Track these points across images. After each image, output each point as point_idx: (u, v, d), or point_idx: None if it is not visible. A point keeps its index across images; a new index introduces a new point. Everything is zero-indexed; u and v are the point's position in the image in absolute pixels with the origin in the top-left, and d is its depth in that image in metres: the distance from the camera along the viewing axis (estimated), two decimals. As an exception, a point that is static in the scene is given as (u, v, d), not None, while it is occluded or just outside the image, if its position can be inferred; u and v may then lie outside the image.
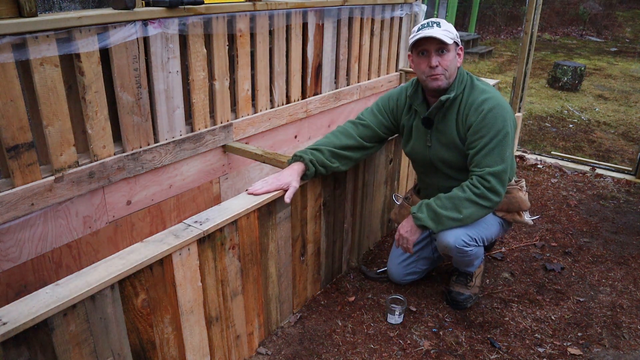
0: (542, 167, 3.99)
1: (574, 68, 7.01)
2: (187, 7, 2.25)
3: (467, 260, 2.16)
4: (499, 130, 1.94)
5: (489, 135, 1.94)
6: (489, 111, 1.95)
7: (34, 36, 1.75)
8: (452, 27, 1.98)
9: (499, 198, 1.97)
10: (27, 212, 1.90)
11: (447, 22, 1.99)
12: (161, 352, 1.55)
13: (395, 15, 3.85)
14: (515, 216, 2.23)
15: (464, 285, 2.31)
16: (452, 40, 1.93)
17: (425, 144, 2.16)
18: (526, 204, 2.23)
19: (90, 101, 2.01)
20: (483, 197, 1.94)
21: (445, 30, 1.93)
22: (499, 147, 1.94)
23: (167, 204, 2.49)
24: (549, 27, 12.88)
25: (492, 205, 1.97)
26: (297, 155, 2.05)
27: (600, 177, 3.80)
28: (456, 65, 2.01)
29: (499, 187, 1.95)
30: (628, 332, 2.17)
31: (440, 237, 2.06)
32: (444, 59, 1.95)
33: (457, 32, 2.01)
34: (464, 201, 1.96)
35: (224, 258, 1.72)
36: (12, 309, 1.19)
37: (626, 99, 6.72)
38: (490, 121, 1.94)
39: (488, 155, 1.95)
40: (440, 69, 1.95)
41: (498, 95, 2.02)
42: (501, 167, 1.94)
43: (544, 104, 6.35)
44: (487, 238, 2.16)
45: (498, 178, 1.94)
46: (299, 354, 2.01)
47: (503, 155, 1.95)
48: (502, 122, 1.95)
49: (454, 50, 1.98)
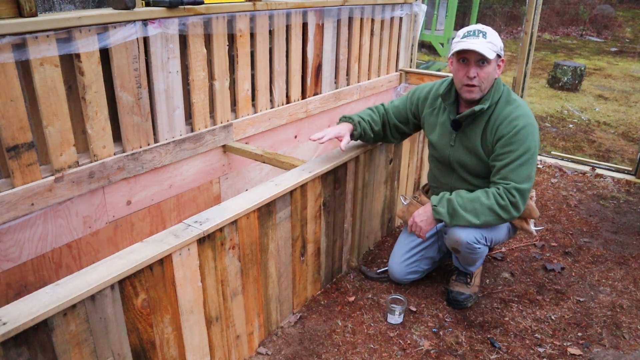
0: (542, 167, 3.99)
1: (574, 68, 7.00)
2: (187, 7, 2.25)
3: (472, 257, 2.17)
4: (529, 148, 1.96)
5: (519, 152, 1.96)
6: (522, 128, 1.96)
7: (34, 36, 1.75)
8: (497, 38, 1.97)
9: (518, 214, 1.99)
10: (27, 212, 1.90)
11: (493, 31, 1.97)
12: (161, 352, 1.55)
13: (395, 15, 3.85)
14: (523, 223, 2.24)
15: (464, 284, 2.31)
16: (495, 53, 1.93)
17: (448, 143, 2.17)
18: (536, 212, 2.24)
19: (90, 101, 2.01)
20: (505, 209, 1.97)
21: (490, 42, 1.92)
22: (527, 165, 1.96)
23: (167, 204, 2.49)
24: (549, 27, 12.88)
25: (509, 218, 2.00)
26: (346, 117, 2.27)
27: (600, 177, 3.80)
28: (494, 77, 2.01)
29: (521, 204, 1.97)
30: (628, 332, 2.17)
31: (453, 231, 2.08)
32: (483, 71, 1.95)
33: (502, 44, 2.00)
34: (486, 208, 1.98)
35: (224, 258, 1.72)
36: (12, 309, 1.19)
37: (626, 99, 6.71)
38: (522, 137, 1.96)
39: (516, 171, 1.96)
40: (477, 80, 1.95)
41: (530, 114, 2.03)
42: (527, 186, 1.97)
43: (544, 104, 6.35)
44: (494, 240, 2.18)
45: (522, 195, 1.96)
46: (299, 354, 2.01)
47: (530, 174, 1.98)
48: (532, 142, 1.97)
49: (494, 63, 1.98)
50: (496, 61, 1.99)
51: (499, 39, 1.98)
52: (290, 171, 2.11)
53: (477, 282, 2.34)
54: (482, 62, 1.93)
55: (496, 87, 2.04)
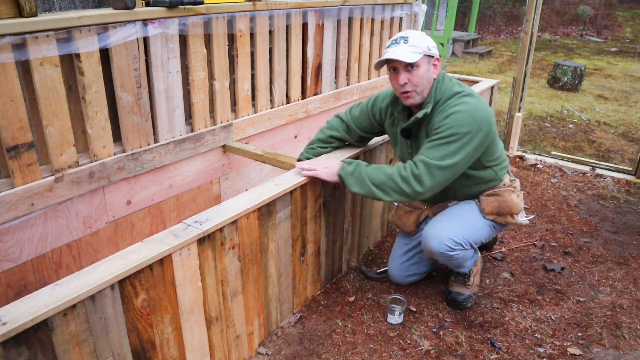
0: (542, 167, 3.99)
1: (574, 68, 7.01)
2: (187, 7, 2.25)
3: (454, 263, 2.16)
4: (456, 132, 1.85)
5: (443, 134, 1.87)
6: (453, 113, 1.88)
7: (34, 36, 1.75)
8: (422, 39, 1.91)
9: (422, 189, 1.87)
10: (27, 212, 1.90)
11: (418, 34, 1.92)
12: (161, 352, 1.55)
13: (395, 15, 3.85)
14: (508, 219, 2.18)
15: (462, 284, 2.30)
16: (420, 55, 1.88)
17: (407, 152, 2.16)
18: (517, 207, 2.16)
19: (90, 101, 2.01)
20: (406, 180, 1.88)
21: (412, 46, 1.87)
22: (447, 146, 1.86)
23: (167, 204, 2.49)
24: (549, 27, 12.88)
25: (412, 192, 1.88)
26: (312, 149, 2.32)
27: (600, 177, 3.80)
28: (430, 78, 1.95)
29: (427, 178, 1.86)
30: (628, 332, 2.17)
31: (425, 241, 2.08)
32: (414, 75, 1.90)
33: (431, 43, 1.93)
34: (387, 177, 1.90)
35: (224, 258, 1.72)
36: (12, 309, 1.19)
37: (626, 99, 6.71)
38: (450, 121, 1.87)
39: (432, 148, 1.88)
40: (410, 85, 1.92)
41: (475, 103, 1.92)
42: (438, 163, 1.85)
43: (544, 104, 6.35)
44: (475, 241, 2.14)
45: (429, 170, 1.85)
46: (299, 354, 2.01)
47: (447, 155, 1.86)
48: (463, 127, 1.85)
49: (425, 64, 1.92)
50: (428, 62, 1.93)
51: (425, 40, 1.92)
52: (290, 171, 2.11)
53: (476, 282, 2.34)
54: (410, 66, 1.89)
55: (437, 87, 1.96)
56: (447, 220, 2.13)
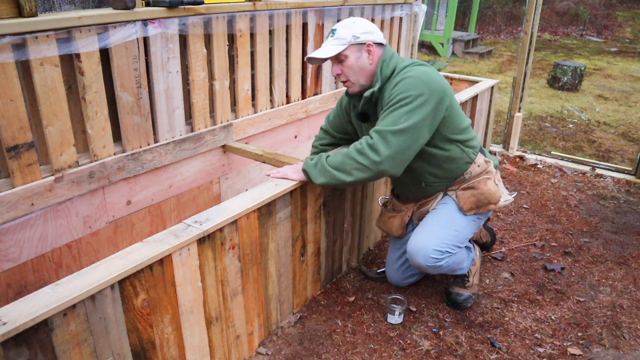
0: (542, 167, 3.99)
1: (574, 68, 7.01)
2: (187, 7, 2.25)
3: (447, 270, 2.11)
4: (407, 96, 1.80)
5: (394, 100, 1.83)
6: (402, 80, 1.85)
7: (34, 36, 1.75)
8: (349, 28, 1.90)
9: (379, 158, 1.79)
10: (27, 212, 1.90)
11: (346, 23, 1.92)
12: (161, 352, 1.55)
13: (395, 15, 3.85)
14: (489, 207, 2.08)
15: (462, 285, 2.29)
16: (343, 46, 1.88)
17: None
18: (495, 196, 2.07)
19: (90, 101, 2.01)
20: (362, 153, 1.82)
21: (336, 38, 1.89)
22: (400, 109, 1.80)
23: (167, 204, 2.49)
24: (549, 27, 12.88)
25: (371, 164, 1.81)
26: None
27: (600, 177, 3.80)
28: (362, 65, 1.93)
29: (382, 146, 1.79)
30: (628, 332, 2.17)
31: (411, 258, 2.04)
32: (344, 66, 1.93)
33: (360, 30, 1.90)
34: (344, 156, 1.86)
35: (224, 258, 1.72)
36: (12, 309, 1.19)
37: (626, 99, 6.72)
38: (399, 88, 1.83)
39: (385, 117, 1.83)
40: (344, 76, 1.94)
41: (426, 70, 1.87)
42: (391, 128, 1.79)
43: (544, 104, 6.35)
44: (461, 241, 2.09)
45: (383, 137, 1.79)
46: (299, 354, 2.01)
47: (399, 117, 1.80)
48: (412, 90, 1.80)
49: (355, 52, 1.91)
50: (357, 50, 1.91)
51: (352, 28, 1.90)
52: (290, 171, 2.10)
53: (475, 282, 2.33)
54: (339, 59, 1.93)
55: (383, 67, 1.94)
56: (428, 230, 2.06)
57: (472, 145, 2.06)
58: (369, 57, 1.94)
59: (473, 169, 2.08)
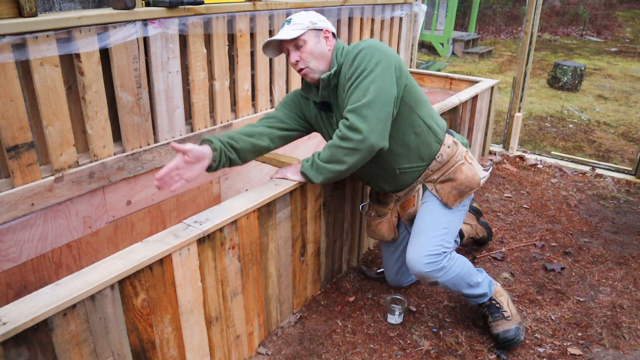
0: (542, 167, 3.99)
1: (574, 68, 7.01)
2: (187, 7, 2.25)
3: (457, 277, 1.99)
4: (366, 66, 1.80)
5: (355, 75, 1.82)
6: (356, 55, 1.85)
7: (34, 36, 1.75)
8: (305, 16, 1.92)
9: (362, 136, 1.77)
10: (27, 212, 1.90)
11: (301, 13, 1.94)
12: (161, 352, 1.55)
13: (395, 15, 3.85)
14: (472, 192, 2.05)
15: (502, 319, 2.07)
16: (302, 30, 1.88)
17: (332, 128, 2.05)
18: (474, 181, 2.01)
19: (90, 101, 2.01)
20: (344, 138, 1.79)
21: (294, 24, 1.89)
22: (364, 80, 1.80)
23: (167, 204, 2.49)
24: (549, 27, 12.89)
25: (357, 146, 1.79)
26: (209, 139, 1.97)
27: (600, 177, 3.80)
28: (322, 50, 1.93)
29: (359, 122, 1.77)
30: (628, 332, 2.17)
31: (412, 270, 1.98)
32: (303, 52, 1.90)
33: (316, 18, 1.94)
34: (333, 148, 1.84)
35: (224, 258, 1.73)
36: (12, 309, 1.19)
37: (626, 99, 6.72)
38: (356, 62, 1.83)
39: (351, 95, 1.81)
40: (302, 62, 1.91)
41: (375, 41, 1.90)
42: (362, 101, 1.77)
43: (544, 104, 6.35)
44: (453, 236, 2.03)
45: (357, 114, 1.78)
46: (299, 354, 2.01)
47: (366, 89, 1.78)
48: (369, 59, 1.81)
49: (313, 37, 1.91)
50: (316, 35, 1.92)
51: (308, 16, 1.93)
52: (290, 171, 2.10)
53: (514, 311, 2.09)
54: (296, 44, 1.90)
55: (338, 53, 1.95)
56: (418, 240, 2.00)
57: (438, 123, 2.05)
58: (327, 43, 1.95)
59: (444, 150, 2.03)
